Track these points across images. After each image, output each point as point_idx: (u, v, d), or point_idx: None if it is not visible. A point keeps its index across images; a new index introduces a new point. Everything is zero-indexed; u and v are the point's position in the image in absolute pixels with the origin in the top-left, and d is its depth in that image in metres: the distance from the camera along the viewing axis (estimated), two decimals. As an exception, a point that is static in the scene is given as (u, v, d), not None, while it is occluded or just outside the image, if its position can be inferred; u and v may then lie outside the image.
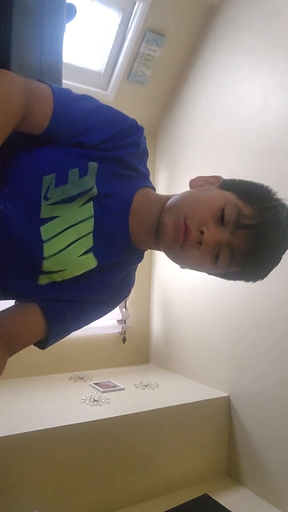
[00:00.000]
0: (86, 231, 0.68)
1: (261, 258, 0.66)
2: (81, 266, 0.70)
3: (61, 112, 0.66)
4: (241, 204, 0.65)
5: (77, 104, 0.69)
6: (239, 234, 0.64)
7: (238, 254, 0.65)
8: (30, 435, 1.52)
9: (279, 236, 0.65)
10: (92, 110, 0.70)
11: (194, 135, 2.45)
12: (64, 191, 0.66)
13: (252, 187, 0.70)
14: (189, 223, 0.64)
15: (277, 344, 1.74)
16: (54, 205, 0.66)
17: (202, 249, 0.64)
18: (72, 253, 0.69)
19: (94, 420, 1.65)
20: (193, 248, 0.65)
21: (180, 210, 0.66)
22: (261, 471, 1.79)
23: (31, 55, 0.78)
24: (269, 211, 0.65)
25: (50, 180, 0.65)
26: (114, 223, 0.70)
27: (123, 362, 2.66)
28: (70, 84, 2.33)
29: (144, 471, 1.76)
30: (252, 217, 0.64)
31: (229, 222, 0.64)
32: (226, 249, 0.65)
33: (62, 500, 1.57)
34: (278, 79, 1.84)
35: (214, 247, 0.65)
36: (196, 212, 0.65)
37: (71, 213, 0.67)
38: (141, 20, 2.25)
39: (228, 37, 2.22)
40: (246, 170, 1.99)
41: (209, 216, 0.64)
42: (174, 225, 0.65)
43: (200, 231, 0.64)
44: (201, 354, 2.24)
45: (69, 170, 0.66)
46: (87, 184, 0.67)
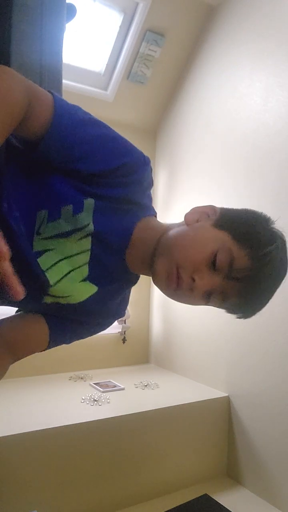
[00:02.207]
0: (81, 263, 0.68)
1: (252, 304, 0.67)
2: (84, 292, 0.71)
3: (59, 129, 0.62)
4: (235, 248, 0.63)
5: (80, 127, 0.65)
6: (231, 283, 0.64)
7: (230, 299, 0.66)
8: (30, 435, 1.52)
9: (272, 283, 0.66)
10: (94, 137, 0.66)
11: (194, 135, 2.45)
12: (57, 226, 0.65)
13: (249, 225, 0.67)
14: (181, 272, 0.63)
15: (277, 344, 1.74)
16: (47, 239, 0.66)
17: (194, 293, 0.65)
18: (72, 280, 0.69)
19: (94, 420, 1.65)
20: (185, 292, 0.65)
21: (172, 258, 0.65)
22: (261, 471, 1.79)
23: (31, 55, 0.78)
24: (264, 259, 0.63)
25: (43, 215, 0.65)
26: (111, 256, 0.70)
27: (123, 362, 2.66)
28: (70, 84, 2.33)
29: (144, 471, 1.76)
30: (245, 269, 0.62)
31: (221, 268, 0.63)
32: (218, 292, 0.65)
33: (62, 500, 1.57)
34: (278, 79, 1.84)
35: (206, 292, 0.65)
36: (188, 258, 0.64)
37: (67, 246, 0.67)
38: (141, 20, 2.25)
39: (228, 37, 2.22)
40: (246, 170, 1.99)
41: (201, 262, 0.63)
42: (166, 272, 0.64)
43: (192, 279, 0.63)
44: (201, 354, 2.24)
45: (62, 208, 0.64)
46: (82, 221, 0.65)
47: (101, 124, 0.68)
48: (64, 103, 0.66)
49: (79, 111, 0.68)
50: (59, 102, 0.64)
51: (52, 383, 2.22)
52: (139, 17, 2.24)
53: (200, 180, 2.33)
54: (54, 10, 0.79)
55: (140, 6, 2.22)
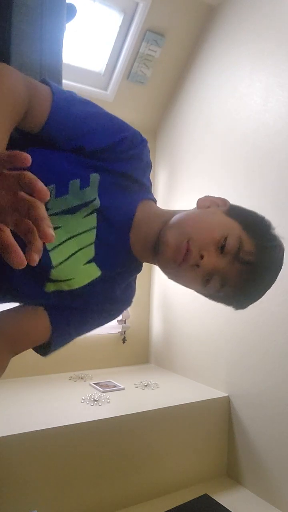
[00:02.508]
0: (88, 242, 0.69)
1: (248, 294, 0.70)
2: (87, 275, 0.71)
3: (60, 111, 0.66)
4: (244, 236, 0.66)
5: (78, 107, 0.69)
6: (235, 267, 0.65)
7: (229, 285, 0.67)
8: (30, 435, 1.52)
9: (270, 277, 0.69)
10: (93, 115, 0.70)
11: (194, 135, 2.45)
12: (64, 202, 0.66)
13: (257, 221, 0.71)
14: (191, 245, 0.64)
15: (277, 344, 1.74)
16: (55, 215, 0.66)
17: (197, 271, 0.66)
18: (77, 262, 0.69)
19: (94, 420, 1.65)
20: (189, 269, 0.66)
21: (185, 230, 0.66)
22: (261, 471, 1.79)
23: (31, 55, 0.78)
24: (268, 250, 0.67)
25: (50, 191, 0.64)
26: (115, 235, 0.70)
27: (123, 362, 2.66)
28: (70, 84, 2.33)
29: (144, 471, 1.76)
30: (252, 254, 0.65)
31: (229, 252, 0.65)
32: (219, 276, 0.66)
33: (62, 500, 1.57)
34: (278, 79, 1.84)
35: (209, 272, 0.66)
36: (200, 235, 0.65)
37: (74, 223, 0.67)
38: (141, 20, 2.25)
39: (228, 37, 2.22)
40: (246, 170, 1.99)
41: (211, 241, 0.65)
42: (176, 244, 0.65)
43: (200, 255, 0.64)
44: (201, 354, 2.24)
45: (70, 181, 0.66)
46: (88, 195, 0.66)
47: (95, 104, 0.72)
48: (61, 90, 0.69)
49: (75, 95, 0.71)
50: (56, 89, 0.67)
51: (52, 383, 2.22)
52: (139, 17, 2.24)
53: (200, 180, 2.33)
54: (54, 10, 0.79)
55: (140, 6, 2.22)
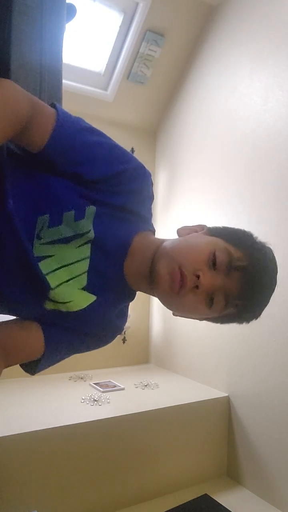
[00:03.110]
0: (80, 271, 0.69)
1: (254, 300, 0.68)
2: (84, 299, 0.71)
3: (61, 136, 0.65)
4: (230, 247, 0.67)
5: (81, 134, 0.68)
6: (232, 277, 0.65)
7: (233, 297, 0.66)
8: (30, 435, 1.52)
9: (269, 277, 0.68)
10: (95, 143, 0.69)
11: (194, 135, 2.45)
12: (57, 232, 0.65)
13: (238, 232, 0.72)
14: (184, 270, 0.64)
15: (277, 344, 1.74)
16: (47, 244, 0.66)
17: (198, 293, 0.65)
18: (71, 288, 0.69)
19: (94, 420, 1.65)
20: (189, 293, 0.65)
21: (173, 259, 0.66)
22: (261, 471, 1.79)
23: (31, 55, 0.78)
24: (257, 252, 0.68)
25: (44, 221, 0.65)
26: (109, 264, 0.70)
27: (123, 362, 2.66)
28: (70, 84, 2.33)
29: (144, 471, 1.76)
30: (243, 260, 0.66)
31: (222, 265, 0.65)
32: (220, 292, 0.66)
33: (62, 500, 1.57)
34: (278, 79, 1.84)
35: (209, 291, 0.65)
36: (189, 258, 0.66)
37: (67, 253, 0.67)
38: (141, 20, 2.25)
39: (228, 37, 2.22)
40: (246, 170, 1.99)
41: (202, 261, 0.65)
42: (168, 274, 0.65)
43: (196, 276, 0.64)
44: (201, 354, 2.24)
45: (64, 213, 0.65)
46: (83, 227, 0.66)
47: (101, 134, 0.71)
48: (67, 114, 0.69)
49: (81, 121, 0.70)
50: (62, 112, 0.67)
51: (52, 383, 2.22)
52: (139, 17, 2.24)
53: (200, 180, 2.33)
54: (54, 10, 0.79)
55: (140, 6, 2.22)
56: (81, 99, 2.41)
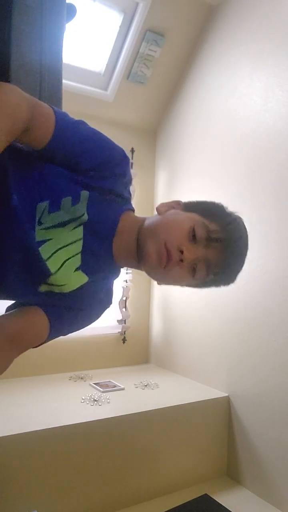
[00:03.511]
0: (75, 252, 0.76)
1: (232, 266, 0.77)
2: (77, 281, 0.78)
3: (62, 132, 0.71)
4: (206, 221, 0.75)
5: (76, 128, 0.75)
6: (212, 248, 0.74)
7: (213, 265, 0.75)
8: (30, 435, 1.52)
9: (243, 244, 0.77)
10: (89, 135, 0.76)
11: (194, 135, 2.45)
12: (56, 217, 0.72)
13: (211, 206, 0.81)
14: (169, 246, 0.72)
15: (277, 344, 1.74)
16: (47, 229, 0.72)
17: (183, 266, 0.73)
18: (68, 269, 0.76)
19: (94, 420, 1.65)
20: (175, 267, 0.73)
21: (159, 236, 0.74)
22: (261, 471, 1.79)
23: (31, 55, 0.78)
24: (231, 224, 0.76)
25: (43, 207, 0.72)
26: (100, 244, 0.78)
27: (123, 362, 2.66)
28: (70, 84, 2.33)
29: (144, 471, 1.76)
30: (219, 232, 0.74)
31: (201, 239, 0.73)
32: (202, 263, 0.74)
33: (62, 500, 1.57)
34: (278, 79, 1.84)
35: (192, 262, 0.74)
36: (172, 235, 0.73)
37: (63, 235, 0.74)
38: (141, 20, 2.25)
39: (228, 37, 2.22)
40: (246, 170, 1.99)
41: (183, 237, 0.73)
42: (156, 251, 0.73)
43: (180, 251, 0.72)
44: (201, 354, 2.24)
45: (62, 199, 0.72)
46: (78, 211, 0.73)
47: (86, 123, 0.78)
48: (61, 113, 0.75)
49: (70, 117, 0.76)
50: (57, 111, 0.73)
51: (52, 383, 2.22)
52: (139, 17, 2.24)
53: (200, 180, 2.33)
54: (54, 10, 0.79)
55: (140, 6, 2.22)
56: (81, 99, 2.41)
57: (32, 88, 0.81)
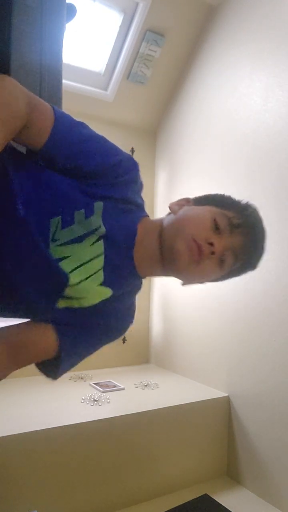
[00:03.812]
0: (96, 268, 0.72)
1: (257, 250, 0.77)
2: (99, 295, 0.74)
3: (61, 130, 0.68)
4: (224, 211, 0.75)
5: (77, 127, 0.72)
6: (235, 235, 0.73)
7: (240, 252, 0.74)
8: (30, 435, 1.52)
9: (262, 227, 0.77)
10: (91, 136, 0.73)
11: (194, 135, 2.45)
12: (71, 232, 0.68)
13: (220, 197, 0.80)
14: (198, 240, 0.70)
15: (277, 344, 1.74)
16: (63, 245, 0.68)
17: (214, 258, 0.72)
18: (90, 283, 0.72)
19: (94, 420, 1.65)
20: (207, 260, 0.71)
21: (185, 232, 0.72)
22: (261, 471, 1.79)
23: (31, 55, 0.78)
24: (246, 209, 0.77)
25: (57, 222, 0.67)
26: (121, 256, 0.74)
27: (123, 362, 2.66)
28: (70, 84, 2.33)
29: (144, 471, 1.76)
30: (238, 218, 0.74)
31: (225, 227, 0.72)
32: (229, 252, 0.73)
33: (62, 500, 1.57)
34: (278, 79, 1.84)
35: (222, 253, 0.72)
36: (198, 229, 0.72)
37: (82, 252, 0.70)
38: (141, 20, 2.25)
39: (228, 37, 2.22)
40: (246, 170, 1.99)
41: (208, 229, 0.72)
42: (187, 248, 0.70)
43: (209, 243, 0.70)
44: (201, 354, 2.24)
45: (75, 212, 0.68)
46: (93, 224, 0.69)
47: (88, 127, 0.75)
48: (60, 111, 0.72)
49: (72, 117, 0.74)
50: (57, 109, 0.71)
51: (52, 383, 2.21)
52: (139, 17, 2.24)
53: (200, 180, 2.33)
54: (54, 10, 0.79)
55: (140, 6, 2.22)
56: (81, 99, 2.41)
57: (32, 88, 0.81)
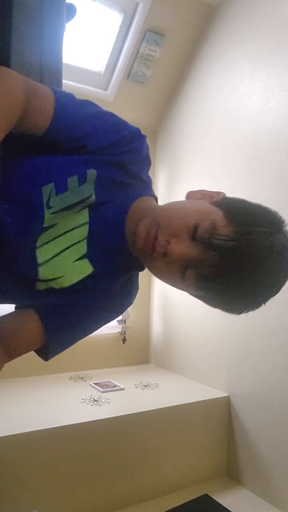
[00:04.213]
0: (79, 238, 0.67)
1: (227, 288, 0.60)
2: (77, 272, 0.68)
3: (63, 113, 0.66)
4: (222, 221, 0.59)
5: (79, 108, 0.69)
6: (208, 255, 0.58)
7: (204, 276, 0.59)
8: (30, 435, 1.52)
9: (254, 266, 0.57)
10: (94, 115, 0.70)
11: (194, 135, 2.45)
12: (64, 199, 0.65)
13: (250, 209, 0.64)
14: (158, 233, 0.60)
15: (277, 344, 1.74)
16: (56, 213, 0.65)
17: (168, 261, 0.60)
18: (66, 258, 0.67)
19: (94, 420, 1.65)
20: (159, 259, 0.61)
21: (155, 218, 0.63)
22: (261, 471, 1.79)
23: (31, 55, 0.78)
24: (251, 235, 0.57)
25: (49, 189, 0.64)
26: (109, 230, 0.68)
27: (123, 362, 2.66)
28: (70, 84, 2.33)
29: (144, 471, 1.76)
30: (227, 238, 0.57)
31: (201, 239, 0.59)
32: (192, 267, 0.60)
33: (62, 500, 1.57)
34: (278, 79, 1.84)
35: (178, 261, 0.60)
36: (169, 222, 0.61)
37: (68, 219, 0.66)
38: (141, 20, 2.25)
39: (228, 37, 2.22)
40: (246, 170, 1.99)
41: (182, 228, 0.60)
42: (145, 232, 0.61)
43: (167, 242, 0.60)
44: (201, 354, 2.24)
45: (68, 178, 0.65)
46: (86, 191, 0.66)
47: (94, 104, 0.73)
48: (62, 92, 0.70)
49: (75, 97, 0.71)
50: (58, 90, 0.68)
51: (52, 383, 2.22)
52: (139, 17, 2.24)
53: (200, 180, 2.33)
54: (54, 10, 0.79)
55: (140, 6, 2.22)
56: (81, 99, 2.41)
57: (32, 88, 0.81)
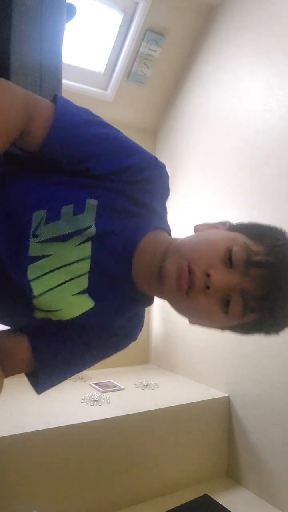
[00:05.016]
0: (80, 272, 0.62)
1: (279, 302, 0.57)
2: (77, 307, 0.64)
3: (60, 131, 0.61)
4: (250, 242, 0.58)
5: (84, 127, 0.63)
6: (251, 275, 0.56)
7: (252, 299, 0.57)
8: (30, 435, 1.52)
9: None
10: (101, 136, 0.64)
11: (194, 135, 2.45)
12: (55, 228, 0.60)
13: (263, 227, 0.64)
14: (193, 266, 0.56)
15: (277, 344, 1.74)
16: (44, 242, 0.60)
17: (209, 294, 0.56)
18: (65, 292, 0.63)
19: (94, 420, 1.65)
20: (200, 295, 0.57)
21: (183, 254, 0.58)
22: (261, 472, 1.79)
23: (31, 55, 0.78)
24: (280, 247, 0.58)
25: (41, 216, 0.59)
26: (114, 262, 0.63)
27: (123, 362, 2.66)
28: (70, 84, 2.33)
29: (144, 471, 1.76)
30: (263, 254, 0.57)
31: (239, 262, 0.56)
32: (237, 294, 0.57)
33: (62, 500, 1.57)
34: (278, 79, 1.84)
35: (223, 292, 0.57)
36: (201, 254, 0.58)
37: (65, 252, 0.61)
38: (141, 20, 2.25)
39: (228, 37, 2.22)
40: (245, 171, 1.99)
41: (215, 258, 0.57)
42: (176, 270, 0.57)
43: (206, 274, 0.56)
44: (201, 354, 2.24)
45: (62, 207, 0.60)
46: (82, 222, 0.60)
47: (106, 124, 0.67)
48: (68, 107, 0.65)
49: (83, 113, 0.66)
50: (62, 106, 0.64)
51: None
52: (139, 17, 2.24)
53: (200, 180, 2.33)
54: (54, 10, 0.79)
55: (140, 6, 2.22)
56: (81, 99, 2.40)
57: (32, 88, 0.81)
